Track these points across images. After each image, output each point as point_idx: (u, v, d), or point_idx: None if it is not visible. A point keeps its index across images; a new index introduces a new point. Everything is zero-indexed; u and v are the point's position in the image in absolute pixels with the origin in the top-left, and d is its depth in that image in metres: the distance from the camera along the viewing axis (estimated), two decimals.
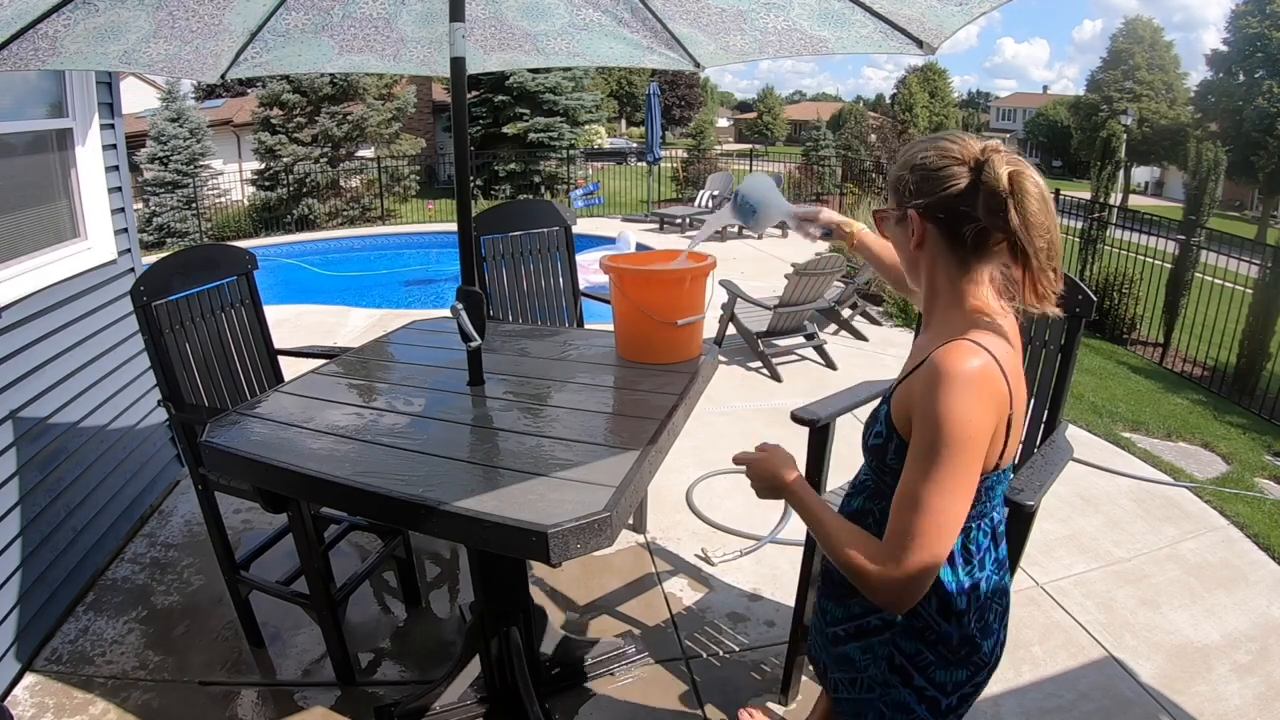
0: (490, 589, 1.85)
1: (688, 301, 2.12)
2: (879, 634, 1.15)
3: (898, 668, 1.13)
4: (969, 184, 1.02)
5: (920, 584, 0.98)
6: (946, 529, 0.97)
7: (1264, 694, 2.19)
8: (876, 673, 1.15)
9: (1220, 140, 21.62)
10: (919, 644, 1.11)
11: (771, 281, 6.72)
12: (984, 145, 1.05)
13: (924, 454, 0.98)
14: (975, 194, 1.02)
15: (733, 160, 18.26)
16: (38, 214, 2.80)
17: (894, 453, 1.08)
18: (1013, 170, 1.00)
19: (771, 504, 3.23)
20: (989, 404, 0.98)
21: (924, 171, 1.06)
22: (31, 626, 2.32)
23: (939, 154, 1.05)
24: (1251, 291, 6.12)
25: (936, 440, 0.96)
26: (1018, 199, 0.99)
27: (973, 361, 0.98)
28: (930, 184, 1.05)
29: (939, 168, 1.05)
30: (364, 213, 14.55)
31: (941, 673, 1.11)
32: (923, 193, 1.06)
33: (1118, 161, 9.05)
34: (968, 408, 0.96)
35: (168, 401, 2.19)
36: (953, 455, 0.96)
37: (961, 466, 0.96)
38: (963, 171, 1.03)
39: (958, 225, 1.04)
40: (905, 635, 1.12)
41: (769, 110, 58.30)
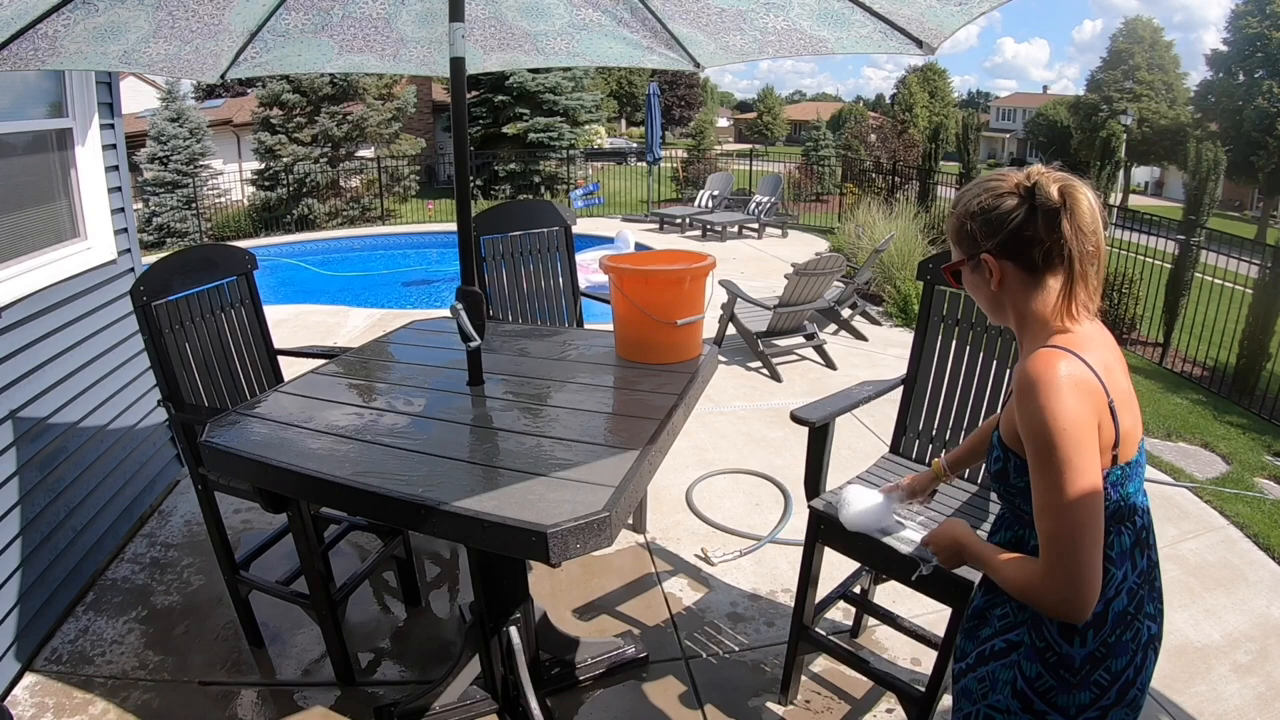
0: (490, 589, 1.85)
1: (687, 301, 2.12)
2: (1002, 657, 1.12)
3: (1019, 692, 1.09)
4: (1027, 210, 1.08)
5: (1086, 581, 0.99)
6: (1088, 523, 0.99)
7: (1264, 694, 2.19)
8: (999, 700, 1.12)
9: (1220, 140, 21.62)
10: (1040, 667, 1.08)
11: (771, 281, 6.73)
12: (1028, 171, 1.11)
13: (1040, 462, 1.01)
14: (1034, 217, 1.08)
15: (733, 160, 18.25)
16: (38, 214, 2.80)
17: (1015, 472, 1.11)
18: (1061, 185, 1.07)
19: (771, 504, 3.23)
20: (1084, 400, 1.01)
21: (984, 215, 1.11)
22: (31, 626, 2.32)
23: (990, 194, 1.11)
24: (1251, 291, 6.12)
25: (1044, 444, 1.00)
26: (1070, 210, 1.06)
27: (1055, 363, 1.02)
28: (994, 224, 1.11)
29: (995, 206, 1.10)
30: (364, 213, 14.55)
31: (1063, 697, 1.07)
32: (990, 234, 1.11)
33: (1117, 161, 9.05)
34: (1061, 404, 0.99)
35: (168, 401, 2.19)
36: (1063, 452, 0.99)
37: (1075, 460, 0.99)
38: (1016, 201, 1.09)
39: (1028, 252, 1.09)
40: (1028, 657, 1.09)
41: (769, 110, 58.30)
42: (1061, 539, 0.99)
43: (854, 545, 1.88)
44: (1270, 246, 6.06)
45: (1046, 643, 1.08)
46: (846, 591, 2.20)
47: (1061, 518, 0.99)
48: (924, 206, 9.99)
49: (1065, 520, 0.99)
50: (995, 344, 2.08)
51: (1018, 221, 1.09)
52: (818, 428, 1.96)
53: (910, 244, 7.29)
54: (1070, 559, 0.98)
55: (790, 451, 3.67)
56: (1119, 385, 1.06)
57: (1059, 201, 1.06)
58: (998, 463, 1.15)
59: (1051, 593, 1.00)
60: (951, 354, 2.16)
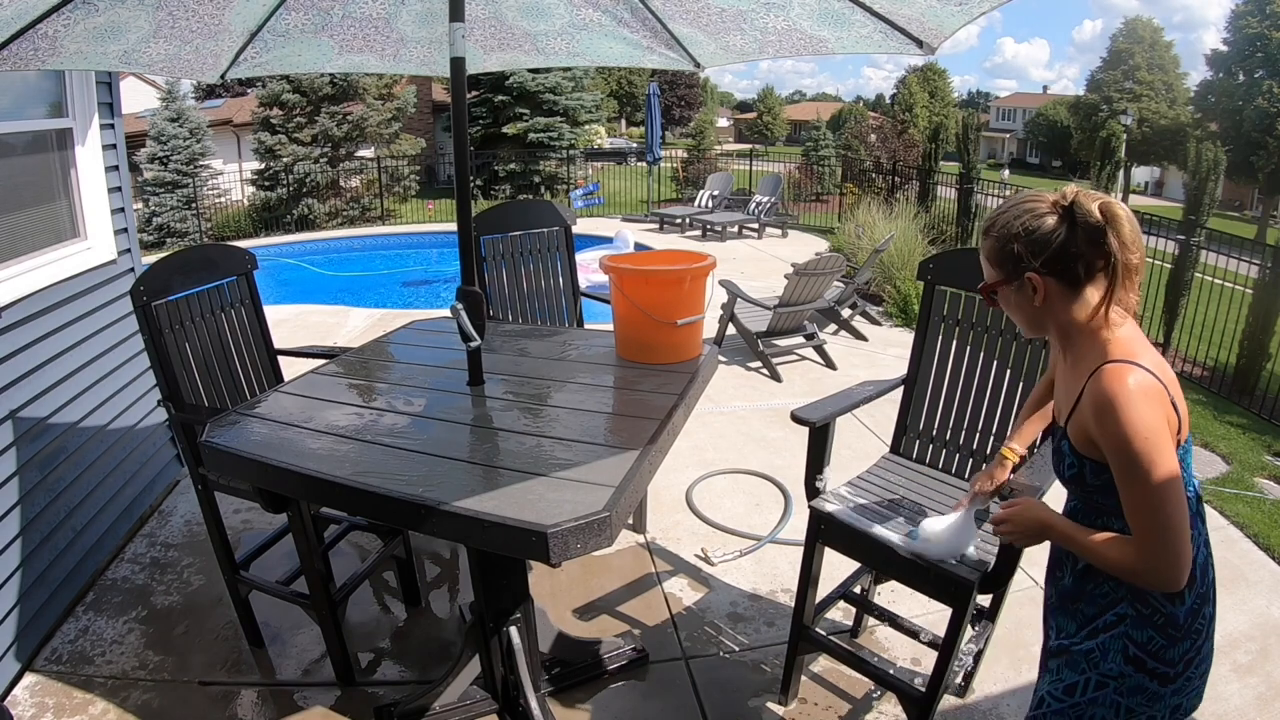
0: (490, 589, 1.85)
1: (688, 301, 2.12)
2: (1111, 629, 1.21)
3: (1132, 658, 1.19)
4: (1068, 228, 1.16)
5: (1183, 558, 1.10)
6: (1177, 510, 1.10)
7: (1264, 694, 2.19)
8: (1111, 667, 1.21)
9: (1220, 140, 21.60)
10: (1150, 631, 1.18)
11: (771, 281, 6.72)
12: (1062, 192, 1.19)
13: (1127, 469, 1.11)
14: (1075, 234, 1.16)
15: (732, 160, 18.26)
16: (38, 214, 2.80)
17: (1091, 474, 1.19)
18: (1101, 203, 1.16)
19: (771, 504, 3.23)
20: (1155, 404, 1.11)
21: (1029, 235, 1.18)
22: (31, 626, 2.32)
23: (1031, 215, 1.18)
24: (1251, 291, 6.12)
25: (1129, 455, 1.10)
26: (1116, 225, 1.14)
27: (1124, 378, 1.11)
28: (1039, 243, 1.18)
29: (1038, 226, 1.17)
30: (364, 213, 14.55)
31: (1171, 651, 1.18)
32: (1036, 253, 1.18)
33: (1117, 161, 9.05)
34: (1142, 418, 1.09)
35: (168, 401, 2.19)
36: (1147, 458, 1.09)
37: (1158, 461, 1.09)
38: (1056, 220, 1.17)
39: (1073, 267, 1.17)
40: (1137, 625, 1.19)
41: (769, 110, 58.29)
42: (1159, 529, 1.10)
43: (854, 545, 1.88)
44: (1270, 246, 6.06)
45: (1152, 608, 1.18)
46: (846, 591, 2.20)
47: (1157, 513, 1.10)
48: (924, 206, 9.99)
49: (1161, 514, 1.10)
50: (995, 344, 2.08)
51: (1061, 239, 1.16)
52: (818, 428, 1.96)
53: (910, 244, 7.29)
54: (1171, 544, 1.10)
55: (790, 451, 3.67)
56: (1170, 377, 1.15)
57: (1102, 219, 1.14)
58: (1072, 469, 1.22)
59: (1155, 572, 1.11)
60: (951, 354, 2.16)
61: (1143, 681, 1.19)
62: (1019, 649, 2.31)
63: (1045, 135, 45.32)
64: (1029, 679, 2.20)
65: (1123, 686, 1.20)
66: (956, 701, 2.12)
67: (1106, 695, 1.21)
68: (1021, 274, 1.20)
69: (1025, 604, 2.50)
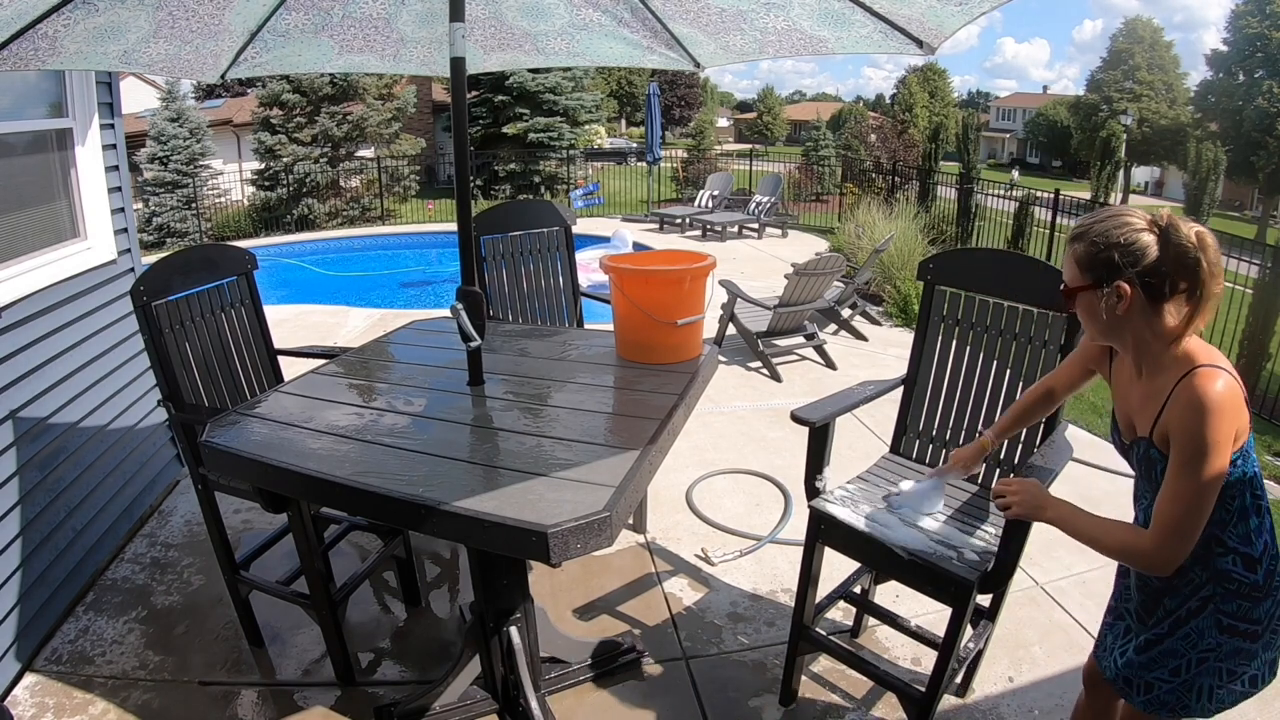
0: (490, 589, 1.85)
1: (688, 301, 2.12)
2: (1200, 613, 1.33)
3: (1227, 627, 1.31)
4: (1162, 246, 1.25)
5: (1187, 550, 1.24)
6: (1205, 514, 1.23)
7: (1264, 694, 2.17)
8: (1210, 642, 1.33)
9: (1220, 140, 21.63)
10: (1236, 600, 1.30)
11: (771, 281, 6.72)
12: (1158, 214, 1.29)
13: (1188, 465, 1.22)
14: (1167, 253, 1.25)
15: (732, 160, 18.26)
16: (38, 214, 2.80)
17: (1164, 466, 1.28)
18: (1196, 230, 1.25)
19: (771, 504, 3.23)
20: (1236, 412, 1.21)
21: (1127, 246, 1.27)
22: (31, 626, 2.32)
23: (1130, 230, 1.27)
24: (1251, 291, 6.12)
25: (1200, 455, 1.20)
26: (1206, 253, 1.24)
27: (1218, 383, 1.21)
28: (1136, 255, 1.27)
29: (1136, 240, 1.26)
30: (364, 213, 14.55)
31: (1257, 609, 1.31)
32: (1132, 263, 1.27)
33: (1117, 161, 9.07)
34: (1223, 425, 1.19)
35: (168, 401, 2.19)
36: (1211, 463, 1.20)
37: (1217, 469, 1.21)
38: (1153, 239, 1.26)
39: (1160, 283, 1.26)
40: (1224, 599, 1.31)
41: (769, 110, 58.30)
42: (1186, 523, 1.22)
43: (854, 545, 1.88)
44: (1270, 246, 6.06)
45: (1236, 582, 1.30)
46: (846, 591, 2.20)
47: (1195, 509, 1.22)
48: (924, 206, 9.99)
49: (1196, 511, 1.22)
50: (995, 344, 2.08)
51: (1154, 255, 1.25)
52: (818, 428, 1.96)
53: (910, 244, 7.29)
54: (1188, 539, 1.23)
55: (790, 451, 3.67)
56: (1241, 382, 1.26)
57: (1195, 244, 1.23)
58: (1144, 462, 1.34)
59: (1159, 559, 1.25)
60: (951, 354, 2.16)
61: (1238, 644, 1.32)
62: (1019, 649, 2.31)
63: (1045, 135, 45.31)
64: (1029, 679, 2.20)
65: (1222, 653, 1.33)
66: (956, 701, 2.12)
67: (1209, 665, 1.34)
68: (1113, 281, 1.28)
69: (1025, 604, 2.50)
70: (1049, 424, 1.95)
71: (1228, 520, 1.28)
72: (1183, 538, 1.23)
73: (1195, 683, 1.36)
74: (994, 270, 2.12)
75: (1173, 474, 1.24)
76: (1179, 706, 1.39)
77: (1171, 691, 1.38)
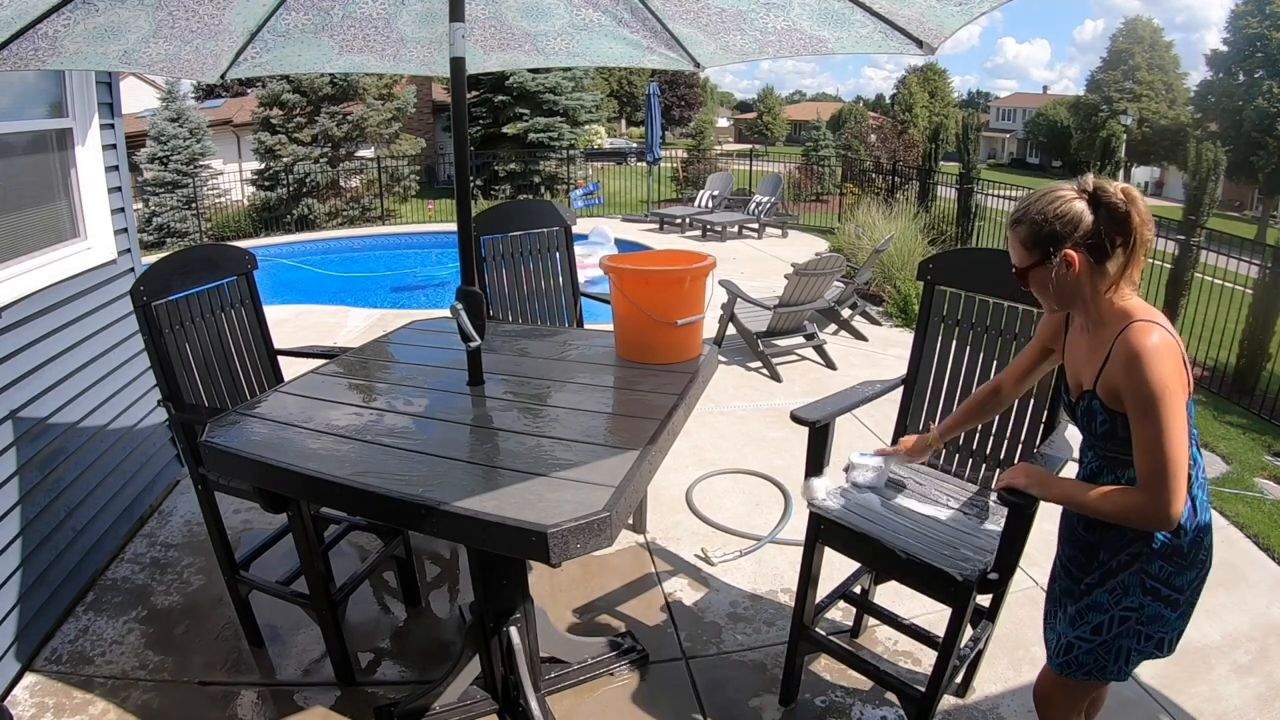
0: (490, 589, 1.85)
1: (688, 301, 2.12)
2: (1128, 568, 1.39)
3: (1149, 588, 1.38)
4: (1095, 209, 1.34)
5: (1181, 498, 1.27)
6: (1182, 456, 1.27)
7: (1264, 694, 2.19)
8: (1131, 601, 1.39)
9: (1220, 140, 21.60)
10: (1160, 561, 1.37)
11: (771, 281, 6.72)
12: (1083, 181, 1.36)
13: (1145, 413, 1.27)
14: (1100, 214, 1.33)
15: (733, 160, 18.25)
16: (38, 214, 2.80)
17: (1123, 428, 1.34)
18: (1121, 186, 1.34)
19: (771, 504, 3.23)
20: (1175, 359, 1.27)
21: (1063, 217, 1.35)
22: (31, 626, 2.32)
23: (1061, 201, 1.36)
24: (1251, 291, 6.12)
25: (1151, 401, 1.26)
26: (1135, 205, 1.32)
27: (1153, 335, 1.27)
28: (1072, 223, 1.35)
29: (1067, 210, 1.35)
30: (364, 213, 14.54)
31: (1180, 577, 1.37)
32: (1071, 231, 1.35)
33: (1117, 161, 9.05)
34: (1164, 369, 1.25)
35: (168, 401, 2.19)
36: (1166, 406, 1.25)
37: (1174, 411, 1.26)
38: (1084, 204, 1.34)
39: (1102, 243, 1.34)
40: (1147, 560, 1.37)
41: (769, 110, 58.27)
42: (1165, 470, 1.26)
43: (854, 546, 1.88)
44: (1270, 246, 6.06)
45: (1161, 542, 1.36)
46: (846, 591, 2.20)
47: (1167, 454, 1.26)
48: (924, 206, 9.99)
49: (1169, 456, 1.26)
50: (995, 344, 2.08)
51: (1090, 219, 1.34)
52: (818, 428, 1.95)
53: (910, 244, 7.29)
54: (1173, 485, 1.26)
55: (790, 451, 3.67)
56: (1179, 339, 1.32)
57: (1124, 199, 1.32)
58: (1104, 424, 1.38)
59: (1157, 511, 1.27)
60: (951, 354, 2.16)
61: (1159, 609, 1.39)
62: (1019, 649, 2.31)
63: (1045, 135, 45.29)
64: (1029, 679, 2.19)
65: (1143, 616, 1.39)
66: (956, 701, 2.12)
67: (1130, 627, 1.40)
68: (1059, 251, 1.36)
69: (1025, 604, 2.50)
70: (1049, 425, 1.95)
71: None
72: (1166, 485, 1.26)
73: (1114, 644, 1.42)
74: (994, 270, 2.12)
75: (1135, 429, 1.30)
76: (1096, 669, 1.45)
77: (1090, 653, 1.44)
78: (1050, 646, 1.55)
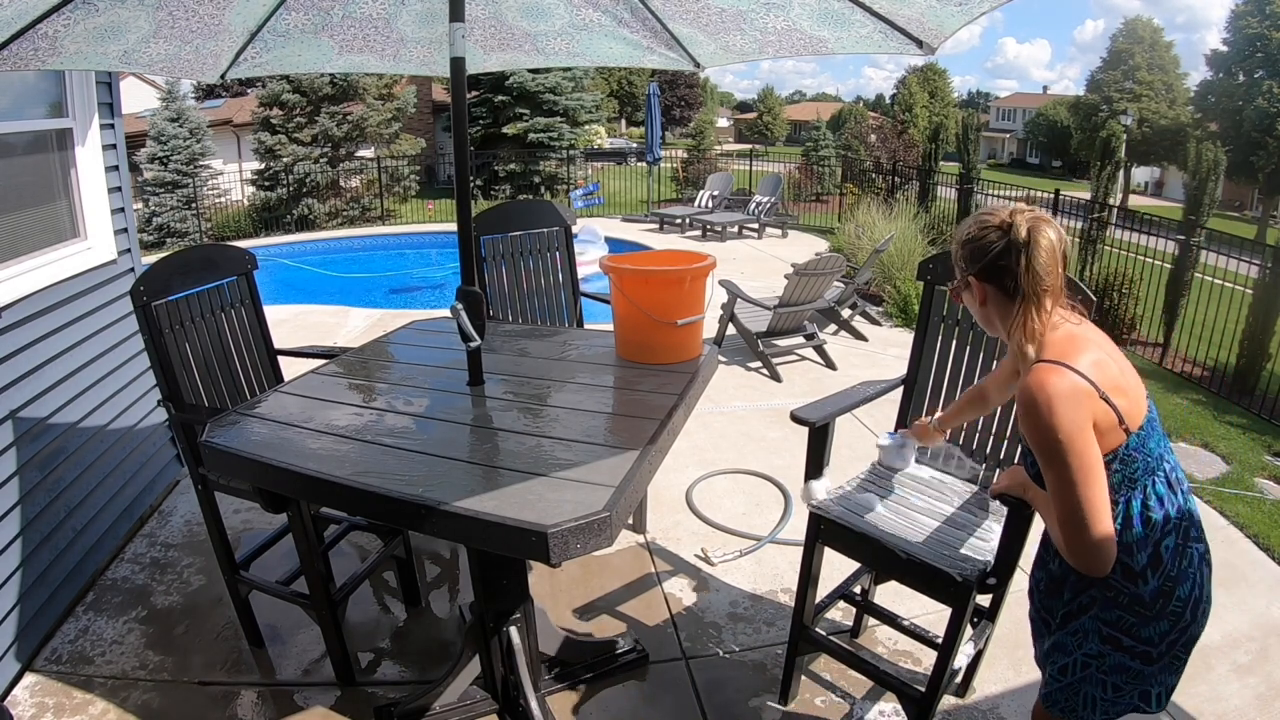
0: (490, 589, 1.85)
1: (688, 301, 2.12)
2: (1084, 612, 1.31)
3: (1107, 638, 1.29)
4: (1005, 243, 1.28)
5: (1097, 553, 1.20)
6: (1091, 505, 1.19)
7: (1264, 694, 2.19)
8: (1091, 648, 1.31)
9: (1220, 140, 21.61)
10: (1117, 611, 1.27)
11: (771, 281, 6.72)
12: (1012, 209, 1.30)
13: (1046, 462, 1.21)
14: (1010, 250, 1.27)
15: (733, 160, 18.25)
16: (37, 214, 2.80)
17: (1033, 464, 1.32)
18: (1030, 225, 1.26)
19: (771, 504, 3.23)
20: (1072, 403, 1.18)
21: (971, 244, 1.33)
22: (31, 626, 2.32)
23: (979, 226, 1.32)
24: (1251, 291, 6.12)
25: (1048, 450, 1.19)
26: (1030, 249, 1.25)
27: (1046, 380, 1.19)
28: (978, 253, 1.32)
29: (980, 237, 1.31)
30: (364, 213, 14.54)
31: (1146, 629, 1.26)
32: (974, 260, 1.32)
33: (1117, 162, 9.04)
34: (1056, 417, 1.17)
35: (168, 401, 2.19)
36: (1065, 453, 1.17)
37: (1075, 458, 1.17)
38: (998, 235, 1.29)
39: (1002, 278, 1.29)
40: (1104, 607, 1.29)
41: (769, 110, 58.28)
42: (1072, 515, 1.19)
43: (854, 546, 1.88)
44: (1270, 246, 6.06)
45: (1115, 590, 1.26)
46: (846, 591, 2.20)
47: (1071, 501, 1.19)
48: (924, 207, 9.98)
49: (1074, 502, 1.19)
50: (995, 344, 2.08)
51: (995, 252, 1.29)
52: (818, 428, 1.95)
53: (910, 244, 7.29)
54: (1083, 529, 1.19)
55: (790, 451, 3.67)
56: (1108, 374, 1.22)
57: (1023, 240, 1.26)
58: (1033, 465, 1.34)
59: (1069, 555, 1.23)
60: (951, 354, 2.16)
61: (1123, 660, 1.29)
62: (1019, 649, 2.31)
63: (1045, 135, 45.30)
64: (1029, 679, 2.20)
65: (1104, 665, 1.30)
66: (956, 701, 2.12)
67: (1092, 674, 1.32)
68: (965, 277, 1.35)
69: (1025, 604, 2.49)
70: None
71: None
72: (1078, 534, 1.20)
73: (1079, 689, 1.34)
74: None
75: (1043, 474, 1.24)
76: (1067, 708, 1.37)
77: (1061, 691, 1.37)
78: None
